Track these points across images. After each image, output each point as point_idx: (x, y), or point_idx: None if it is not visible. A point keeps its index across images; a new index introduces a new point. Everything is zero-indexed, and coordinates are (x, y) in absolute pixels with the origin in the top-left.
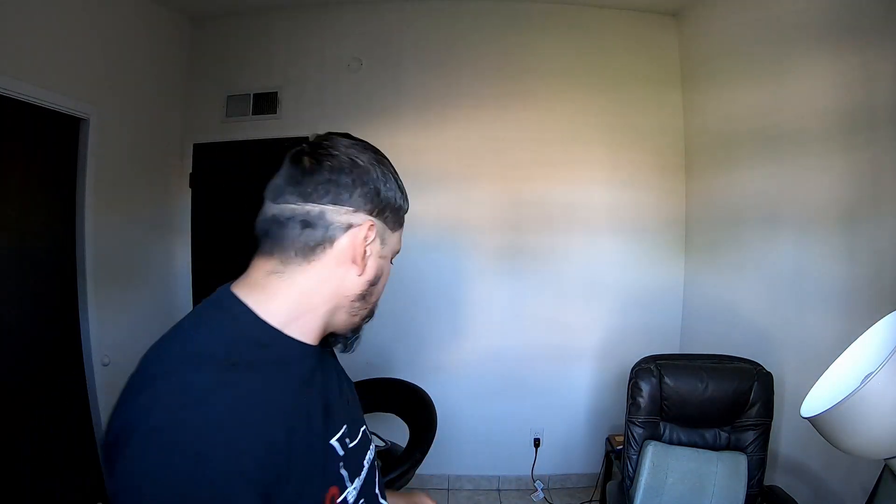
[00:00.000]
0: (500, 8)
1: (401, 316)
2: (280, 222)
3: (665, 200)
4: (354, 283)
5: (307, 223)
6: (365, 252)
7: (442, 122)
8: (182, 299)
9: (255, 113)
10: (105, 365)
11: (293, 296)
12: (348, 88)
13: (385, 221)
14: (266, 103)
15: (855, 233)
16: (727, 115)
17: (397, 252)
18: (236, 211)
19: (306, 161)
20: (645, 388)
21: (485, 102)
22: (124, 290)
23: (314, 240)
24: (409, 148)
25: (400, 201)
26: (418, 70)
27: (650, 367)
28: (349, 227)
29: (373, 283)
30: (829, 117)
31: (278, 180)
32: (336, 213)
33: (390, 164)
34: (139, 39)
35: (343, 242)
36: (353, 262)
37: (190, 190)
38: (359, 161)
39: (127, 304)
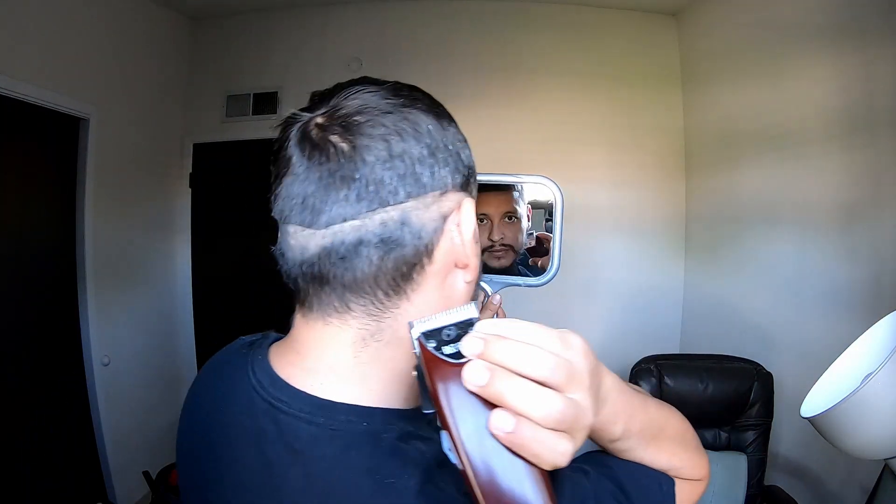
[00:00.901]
0: (499, 8)
1: None
2: (341, 255)
3: (665, 200)
4: (462, 291)
5: (390, 241)
6: (471, 243)
7: None
8: (182, 299)
9: (255, 113)
10: (105, 365)
11: (398, 362)
12: None
13: (471, 194)
14: (266, 103)
15: (855, 233)
16: (727, 114)
17: None
18: (236, 211)
19: (337, 139)
20: (645, 388)
21: (484, 102)
22: (124, 290)
23: (406, 261)
24: None
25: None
26: (418, 70)
27: (650, 367)
28: (444, 219)
29: (478, 278)
30: (829, 117)
31: (302, 186)
32: (422, 208)
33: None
34: (139, 39)
35: (444, 247)
36: (458, 265)
37: (190, 190)
38: (418, 114)
39: (127, 304)
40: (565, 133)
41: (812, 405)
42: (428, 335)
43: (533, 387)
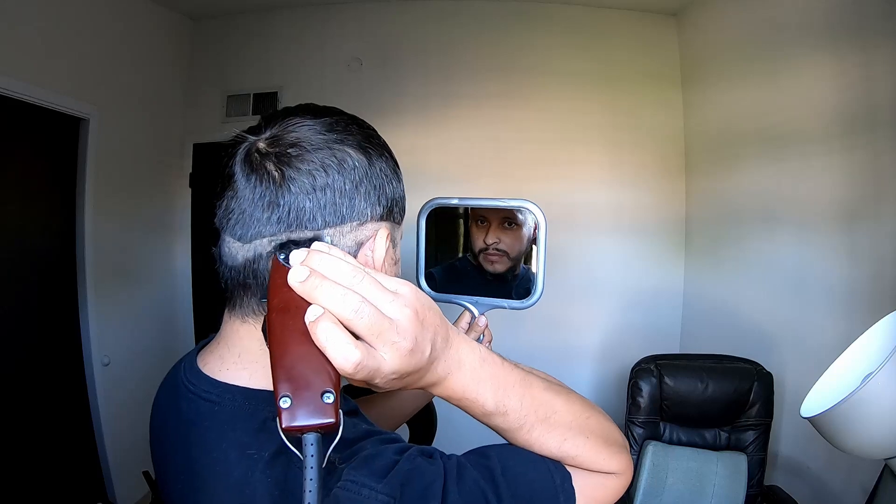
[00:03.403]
0: (500, 8)
1: None
2: (258, 264)
3: (665, 200)
4: None
5: None
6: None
7: (442, 122)
8: (182, 299)
9: (255, 113)
10: (105, 365)
11: None
12: (348, 88)
13: (394, 220)
14: (266, 103)
15: (855, 233)
16: (727, 114)
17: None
18: None
19: (272, 168)
20: (645, 388)
21: (485, 102)
22: (124, 290)
23: None
24: (409, 148)
25: (403, 187)
26: (418, 70)
27: (650, 367)
28: (359, 246)
29: None
30: (829, 117)
31: (238, 203)
32: (339, 236)
33: (378, 135)
34: (139, 39)
35: None
36: None
37: (190, 190)
38: (348, 150)
39: (127, 304)
40: (565, 133)
41: (812, 405)
42: (280, 248)
43: (339, 288)
